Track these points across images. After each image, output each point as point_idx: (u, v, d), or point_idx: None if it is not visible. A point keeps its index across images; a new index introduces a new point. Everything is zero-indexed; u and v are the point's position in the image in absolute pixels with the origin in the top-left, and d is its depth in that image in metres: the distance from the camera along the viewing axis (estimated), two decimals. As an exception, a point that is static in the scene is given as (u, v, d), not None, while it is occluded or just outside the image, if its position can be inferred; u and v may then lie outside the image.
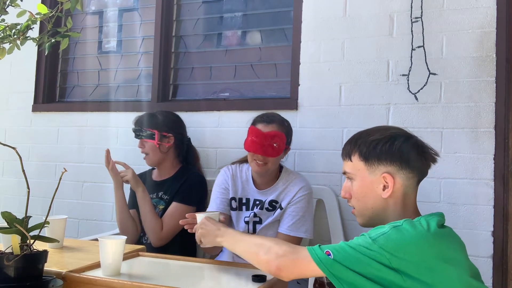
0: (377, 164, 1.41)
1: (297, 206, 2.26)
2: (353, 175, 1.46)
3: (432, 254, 1.23)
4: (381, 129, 1.50)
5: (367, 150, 1.43)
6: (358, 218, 1.48)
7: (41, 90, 3.47)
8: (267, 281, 1.54)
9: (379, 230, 1.28)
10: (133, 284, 1.45)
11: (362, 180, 1.44)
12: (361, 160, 1.44)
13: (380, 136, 1.44)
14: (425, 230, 1.27)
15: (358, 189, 1.45)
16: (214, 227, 1.65)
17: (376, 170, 1.41)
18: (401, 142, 1.41)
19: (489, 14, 2.40)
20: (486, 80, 2.38)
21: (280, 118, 2.33)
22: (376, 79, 2.58)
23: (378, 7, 2.60)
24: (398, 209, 1.40)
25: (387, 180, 1.40)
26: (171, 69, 3.18)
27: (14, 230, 1.38)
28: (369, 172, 1.42)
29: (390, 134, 1.44)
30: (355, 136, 1.51)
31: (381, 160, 1.41)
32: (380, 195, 1.41)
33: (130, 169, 2.47)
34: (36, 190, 1.99)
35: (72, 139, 3.31)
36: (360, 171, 1.44)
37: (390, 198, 1.40)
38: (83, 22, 3.49)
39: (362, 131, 1.51)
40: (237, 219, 2.34)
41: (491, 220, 2.33)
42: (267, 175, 2.31)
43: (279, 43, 2.94)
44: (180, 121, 2.70)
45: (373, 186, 1.42)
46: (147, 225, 2.44)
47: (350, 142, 1.50)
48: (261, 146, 2.20)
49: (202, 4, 3.16)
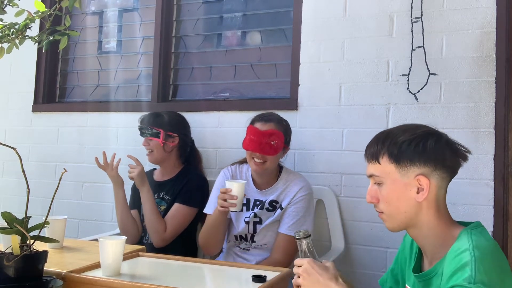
0: (409, 165, 1.32)
1: (297, 206, 2.26)
2: (382, 179, 1.35)
3: (506, 269, 1.21)
4: (409, 128, 1.39)
5: (398, 152, 1.33)
6: (387, 223, 1.38)
7: (41, 90, 3.47)
8: (267, 281, 1.54)
9: (462, 274, 1.16)
10: (133, 284, 1.45)
11: (393, 183, 1.34)
12: (391, 162, 1.34)
13: (411, 136, 1.34)
14: (492, 247, 1.23)
15: (389, 193, 1.34)
16: (323, 280, 1.26)
17: (409, 172, 1.32)
18: (434, 141, 1.32)
19: (489, 14, 2.40)
20: (486, 80, 2.38)
21: (278, 117, 2.34)
22: (376, 79, 2.58)
23: (378, 7, 2.60)
24: (432, 212, 1.32)
25: (421, 182, 1.31)
26: (171, 70, 3.18)
27: (14, 230, 1.38)
28: (401, 175, 1.32)
29: (421, 133, 1.34)
30: (380, 137, 1.40)
31: (414, 161, 1.31)
32: (413, 198, 1.31)
33: (140, 165, 2.45)
34: (36, 190, 1.99)
35: (72, 139, 3.31)
36: (391, 174, 1.34)
37: (424, 201, 1.31)
38: (83, 22, 3.49)
39: (388, 131, 1.41)
40: (237, 219, 2.34)
41: (491, 220, 2.33)
42: (266, 174, 2.31)
43: (279, 43, 2.94)
44: (186, 122, 2.71)
45: (406, 189, 1.32)
46: (150, 226, 2.44)
47: (376, 143, 1.39)
48: (259, 144, 2.21)
49: (202, 4, 3.16)
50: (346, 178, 2.61)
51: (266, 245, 2.31)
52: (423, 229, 1.33)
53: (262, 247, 2.31)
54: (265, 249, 2.31)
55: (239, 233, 2.34)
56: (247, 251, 2.33)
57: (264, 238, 2.30)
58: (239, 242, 2.35)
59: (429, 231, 1.32)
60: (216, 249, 2.35)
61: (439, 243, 1.31)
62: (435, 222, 1.31)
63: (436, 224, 1.32)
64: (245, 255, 2.33)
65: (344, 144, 2.62)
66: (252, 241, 2.32)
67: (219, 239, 2.30)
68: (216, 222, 2.21)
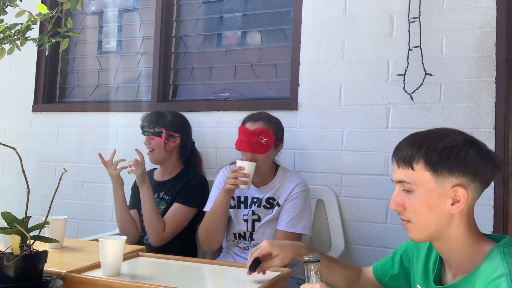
0: (447, 175, 1.21)
1: (294, 202, 2.27)
2: (415, 187, 1.24)
3: None
4: (448, 133, 1.27)
5: (438, 159, 1.21)
6: (413, 233, 1.27)
7: (41, 90, 3.47)
8: (267, 281, 1.54)
9: None
10: (133, 284, 1.45)
11: (427, 192, 1.22)
12: (427, 169, 1.22)
13: (452, 143, 1.23)
14: None
15: (420, 203, 1.23)
16: None
17: (446, 181, 1.21)
18: (476, 151, 1.22)
19: (489, 14, 2.40)
20: (486, 80, 2.38)
21: (267, 116, 2.36)
22: (376, 79, 2.58)
23: (378, 7, 2.60)
24: (463, 226, 1.23)
25: (458, 193, 1.21)
26: (171, 70, 3.18)
27: (14, 231, 1.37)
28: (436, 184, 1.21)
29: (463, 141, 1.23)
30: (415, 140, 1.27)
31: (453, 171, 1.20)
32: (447, 210, 1.22)
33: (144, 164, 2.43)
34: (36, 191, 1.98)
35: (72, 139, 3.31)
36: (425, 182, 1.22)
37: (457, 213, 1.22)
38: (83, 22, 3.49)
39: (423, 135, 1.29)
40: (236, 217, 2.36)
41: (491, 220, 2.33)
42: (260, 172, 2.32)
43: (279, 43, 2.94)
44: (188, 123, 2.71)
45: (440, 200, 1.22)
46: (149, 225, 2.43)
47: (411, 147, 1.26)
48: (249, 143, 2.24)
49: (202, 4, 3.16)
50: (346, 178, 2.61)
51: (265, 244, 2.31)
52: (451, 242, 1.24)
53: (261, 245, 2.32)
54: (264, 247, 2.32)
55: (238, 231, 2.35)
56: (247, 250, 2.34)
57: (263, 236, 2.31)
58: (237, 241, 2.36)
59: (457, 245, 1.24)
60: (216, 243, 2.33)
61: (466, 257, 1.23)
62: (465, 236, 1.23)
63: (466, 238, 1.24)
64: (244, 254, 2.33)
65: (344, 144, 2.62)
66: (251, 239, 2.33)
67: (220, 229, 2.29)
68: (220, 206, 2.23)
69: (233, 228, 2.36)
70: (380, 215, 2.52)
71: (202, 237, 2.32)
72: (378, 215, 2.52)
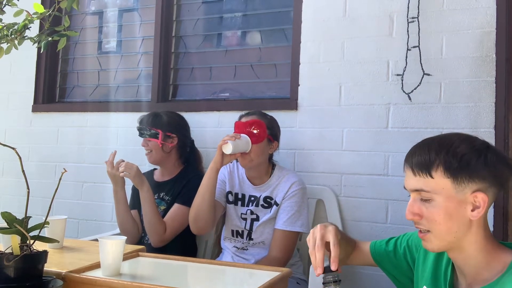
0: (467, 181, 1.17)
1: (291, 201, 2.28)
2: (434, 195, 1.19)
3: None
4: (465, 138, 1.24)
5: (458, 165, 1.17)
6: (431, 243, 1.23)
7: (41, 90, 3.47)
8: (267, 281, 1.54)
9: None
10: (133, 284, 1.45)
11: (447, 200, 1.18)
12: (447, 176, 1.18)
13: (471, 147, 1.20)
14: None
15: (441, 211, 1.19)
16: None
17: (466, 188, 1.18)
18: (495, 155, 1.20)
19: (489, 14, 2.40)
20: (486, 80, 2.38)
21: (261, 112, 2.41)
22: (376, 79, 2.58)
23: (378, 7, 2.60)
24: (481, 232, 1.21)
25: (478, 199, 1.18)
26: (171, 70, 3.18)
27: (14, 231, 1.37)
28: (456, 191, 1.18)
29: (480, 146, 1.21)
30: (431, 145, 1.23)
31: (472, 177, 1.17)
32: (467, 217, 1.18)
33: (134, 165, 2.39)
34: (36, 191, 1.99)
35: (72, 139, 3.31)
36: (445, 190, 1.18)
37: (475, 220, 1.19)
38: (83, 22, 3.49)
39: (440, 139, 1.25)
40: (234, 213, 2.37)
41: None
42: (255, 168, 2.33)
43: (279, 43, 2.94)
44: (185, 122, 2.71)
45: (460, 207, 1.18)
46: (150, 227, 2.43)
47: (427, 153, 1.21)
48: (241, 132, 2.27)
49: (202, 4, 3.16)
50: (346, 178, 2.61)
51: (264, 243, 2.32)
52: (469, 250, 1.21)
53: (260, 244, 2.32)
54: (263, 247, 2.32)
55: (235, 228, 2.36)
56: (245, 250, 2.34)
57: (261, 235, 2.32)
58: (235, 238, 2.36)
59: (474, 252, 1.21)
60: (203, 221, 2.25)
61: (483, 266, 1.20)
62: (482, 243, 1.21)
63: (484, 246, 1.21)
64: (243, 255, 2.34)
65: (344, 144, 2.62)
66: (249, 238, 2.33)
67: (207, 208, 2.22)
68: (209, 182, 2.22)
69: (230, 223, 2.38)
70: (380, 215, 2.52)
71: (191, 218, 2.28)
72: (378, 215, 2.52)
